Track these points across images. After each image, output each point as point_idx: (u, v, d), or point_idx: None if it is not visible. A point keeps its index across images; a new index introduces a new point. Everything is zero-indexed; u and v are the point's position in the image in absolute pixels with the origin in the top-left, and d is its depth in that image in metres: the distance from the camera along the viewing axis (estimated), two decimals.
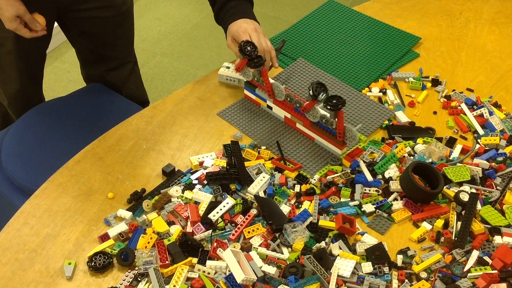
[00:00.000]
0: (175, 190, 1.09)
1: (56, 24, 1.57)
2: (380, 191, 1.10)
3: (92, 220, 1.05)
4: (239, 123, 1.25)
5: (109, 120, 1.45)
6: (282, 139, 1.22)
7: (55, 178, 1.12)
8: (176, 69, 2.62)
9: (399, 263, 1.00)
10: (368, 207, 1.07)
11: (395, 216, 1.07)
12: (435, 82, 1.38)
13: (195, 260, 0.97)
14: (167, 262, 0.97)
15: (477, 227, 1.04)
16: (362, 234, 1.03)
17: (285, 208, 1.06)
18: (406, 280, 0.96)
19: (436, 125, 1.27)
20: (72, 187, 1.11)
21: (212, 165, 1.14)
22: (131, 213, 1.05)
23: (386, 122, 1.26)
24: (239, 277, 0.92)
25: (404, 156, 1.17)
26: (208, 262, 0.97)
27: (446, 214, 1.07)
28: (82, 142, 1.21)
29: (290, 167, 1.14)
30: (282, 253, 1.00)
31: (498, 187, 1.13)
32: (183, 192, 1.09)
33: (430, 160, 1.17)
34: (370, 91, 1.35)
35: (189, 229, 1.03)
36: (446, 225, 1.06)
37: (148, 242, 0.99)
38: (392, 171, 1.13)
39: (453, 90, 1.37)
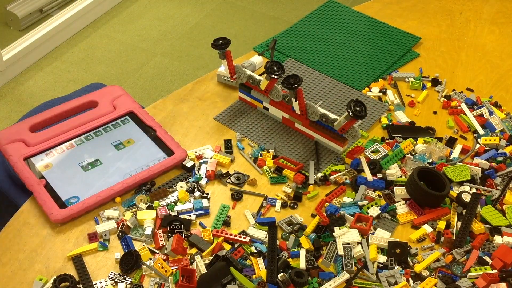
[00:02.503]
0: (179, 186, 1.09)
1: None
2: (382, 197, 1.10)
3: (92, 220, 1.05)
4: (236, 126, 1.25)
5: None
6: (281, 139, 1.22)
7: None
8: (176, 69, 2.62)
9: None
10: (372, 211, 1.07)
11: (400, 218, 1.07)
12: (435, 82, 1.38)
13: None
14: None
15: (477, 227, 1.04)
16: (375, 228, 1.05)
17: None
18: (411, 280, 0.97)
19: (436, 125, 1.27)
20: None
21: (211, 158, 1.15)
22: (118, 211, 1.05)
23: (386, 121, 1.26)
24: None
25: (404, 156, 1.17)
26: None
27: (447, 215, 1.07)
28: None
29: (292, 167, 1.14)
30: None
31: (498, 187, 1.13)
32: (190, 192, 1.09)
33: (430, 160, 1.17)
34: (370, 91, 1.35)
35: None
36: (448, 226, 1.06)
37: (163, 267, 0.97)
38: (394, 171, 1.13)
39: (453, 90, 1.37)
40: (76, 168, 1.12)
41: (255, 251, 1.00)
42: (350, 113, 1.07)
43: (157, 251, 0.99)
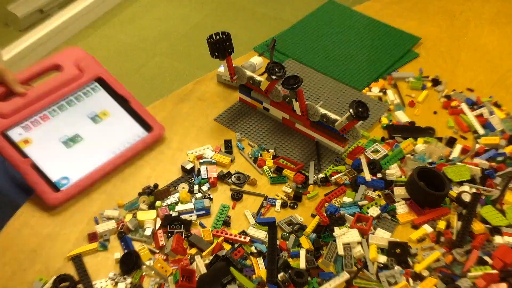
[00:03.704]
0: (181, 187, 1.09)
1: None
2: (382, 197, 1.10)
3: (92, 220, 1.05)
4: (236, 127, 1.25)
5: None
6: (281, 140, 1.22)
7: None
8: (176, 69, 2.63)
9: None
10: (372, 211, 1.07)
11: (400, 218, 1.07)
12: (435, 82, 1.38)
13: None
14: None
15: (477, 227, 1.04)
16: (375, 228, 1.05)
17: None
18: (411, 280, 0.97)
19: (436, 125, 1.27)
20: None
21: (211, 157, 1.15)
22: (118, 211, 1.04)
23: (386, 121, 1.26)
24: None
25: (404, 156, 1.17)
26: None
27: (447, 215, 1.07)
28: None
29: (292, 167, 1.14)
30: None
31: (498, 187, 1.13)
32: (192, 192, 1.09)
33: (430, 160, 1.17)
34: (370, 91, 1.35)
35: None
36: (448, 226, 1.06)
37: (162, 267, 0.96)
38: (394, 171, 1.13)
39: (453, 90, 1.37)
40: (58, 144, 1.09)
41: (255, 251, 1.00)
42: (353, 114, 1.07)
43: (157, 251, 0.99)
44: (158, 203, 1.06)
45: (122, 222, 1.03)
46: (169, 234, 1.01)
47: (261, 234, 1.02)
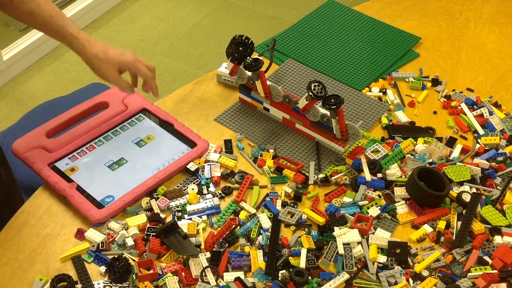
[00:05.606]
0: (191, 189, 1.09)
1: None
2: (382, 197, 1.10)
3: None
4: (237, 127, 1.25)
5: None
6: (281, 140, 1.22)
7: None
8: (176, 69, 2.63)
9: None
10: (372, 211, 1.07)
11: (400, 218, 1.07)
12: (435, 82, 1.38)
13: None
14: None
15: (477, 227, 1.04)
16: (375, 228, 1.05)
17: None
18: (411, 280, 0.97)
19: (436, 125, 1.27)
20: None
21: (217, 161, 1.15)
22: (119, 225, 1.02)
23: (386, 121, 1.26)
24: None
25: (404, 156, 1.17)
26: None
27: (447, 215, 1.07)
28: None
29: (292, 167, 1.14)
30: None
31: (498, 187, 1.13)
32: (201, 193, 1.09)
33: (430, 160, 1.17)
34: (370, 91, 1.35)
35: None
36: (448, 226, 1.06)
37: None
38: (394, 171, 1.13)
39: (453, 90, 1.37)
40: (103, 168, 1.12)
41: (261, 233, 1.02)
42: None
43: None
44: (159, 189, 1.08)
45: (111, 237, 1.01)
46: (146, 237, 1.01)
47: (267, 223, 1.03)
